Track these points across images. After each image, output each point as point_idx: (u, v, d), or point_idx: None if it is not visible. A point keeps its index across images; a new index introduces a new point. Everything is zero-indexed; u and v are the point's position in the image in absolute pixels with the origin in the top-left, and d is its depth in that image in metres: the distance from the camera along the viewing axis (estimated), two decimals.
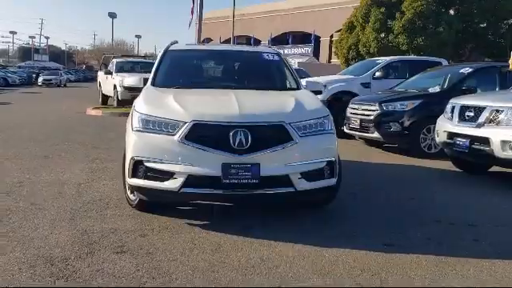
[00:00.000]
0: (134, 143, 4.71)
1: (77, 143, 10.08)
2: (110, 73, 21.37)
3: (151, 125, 4.70)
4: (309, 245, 4.31)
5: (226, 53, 6.71)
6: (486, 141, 6.77)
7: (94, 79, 66.88)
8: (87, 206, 5.35)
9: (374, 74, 12.89)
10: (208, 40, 71.82)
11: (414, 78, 11.39)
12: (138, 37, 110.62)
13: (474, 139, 6.97)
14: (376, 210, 5.58)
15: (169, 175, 4.56)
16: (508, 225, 5.17)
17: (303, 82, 6.25)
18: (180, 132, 4.53)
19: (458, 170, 8.14)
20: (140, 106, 4.93)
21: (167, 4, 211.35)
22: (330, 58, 50.19)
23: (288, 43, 55.72)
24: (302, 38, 54.41)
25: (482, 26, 24.11)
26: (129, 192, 5.32)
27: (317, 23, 52.82)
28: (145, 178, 4.67)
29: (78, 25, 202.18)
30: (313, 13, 55.91)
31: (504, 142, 6.54)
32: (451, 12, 23.62)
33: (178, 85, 5.67)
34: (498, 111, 6.77)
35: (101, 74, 23.64)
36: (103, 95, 22.53)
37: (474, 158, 7.38)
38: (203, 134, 4.53)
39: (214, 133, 4.53)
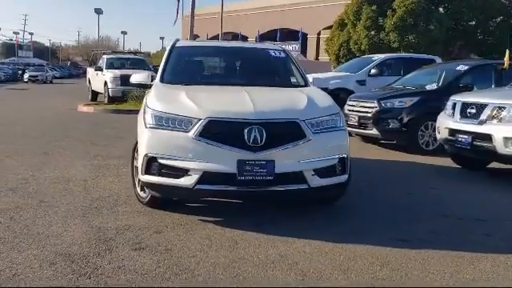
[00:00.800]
0: (148, 140, 4.69)
1: (74, 140, 10.02)
2: (101, 69, 21.22)
3: (164, 121, 4.68)
4: (324, 241, 4.33)
5: (232, 49, 6.70)
6: (488, 137, 6.85)
7: (79, 76, 66.92)
8: (97, 203, 5.32)
9: (370, 71, 12.99)
10: (195, 37, 71.58)
11: (410, 75, 11.48)
12: (124, 33, 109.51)
13: (476, 136, 7.05)
14: (383, 206, 5.63)
15: (183, 172, 4.56)
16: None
17: (309, 78, 6.27)
18: (194, 129, 4.53)
19: (457, 166, 8.23)
20: (153, 102, 4.91)
21: (152, 1, 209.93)
22: (317, 55, 50.35)
23: (276, 40, 55.68)
24: (289, 34, 54.45)
25: (471, 24, 24.36)
26: (139, 189, 5.31)
27: (304, 20, 52.97)
28: (159, 175, 4.66)
29: (61, 21, 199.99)
30: (300, 10, 56.07)
31: (506, 139, 6.63)
32: (441, 10, 23.79)
33: (187, 81, 5.65)
34: (500, 108, 6.85)
35: (90, 71, 23.45)
36: (93, 92, 22.37)
37: (476, 155, 7.47)
38: (218, 131, 4.52)
39: (229, 130, 4.53)
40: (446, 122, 7.77)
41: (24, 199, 5.39)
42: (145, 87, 5.86)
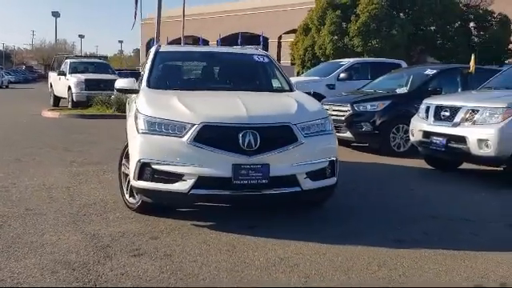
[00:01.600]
0: (141, 145, 4.67)
1: (46, 146, 9.82)
2: (64, 73, 20.83)
3: (157, 127, 4.68)
4: (319, 243, 4.41)
5: (217, 54, 6.73)
6: (462, 139, 7.09)
7: (35, 80, 65.17)
8: (85, 210, 5.26)
9: (339, 76, 13.22)
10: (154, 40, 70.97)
11: (379, 79, 11.74)
12: (82, 36, 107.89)
13: (450, 138, 7.28)
14: (371, 208, 5.75)
15: (178, 177, 4.57)
16: (498, 221, 5.45)
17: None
18: (189, 134, 4.54)
19: (430, 167, 8.47)
20: (144, 108, 4.89)
21: (108, 4, 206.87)
22: (278, 59, 50.69)
23: (237, 44, 55.72)
24: (250, 39, 54.58)
25: (430, 29, 25.07)
26: (127, 195, 5.27)
27: (265, 25, 53.33)
28: (152, 181, 4.65)
29: (15, 24, 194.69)
30: (260, 14, 56.49)
31: (480, 141, 6.87)
32: (401, 15, 24.39)
33: (175, 87, 5.65)
34: (473, 111, 7.10)
35: (53, 75, 22.93)
36: (55, 96, 21.90)
37: (450, 156, 7.72)
38: (212, 136, 4.55)
39: (223, 134, 4.57)
40: (420, 125, 7.99)
41: (8, 207, 5.27)
42: (130, 92, 5.81)
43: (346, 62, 14.17)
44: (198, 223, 4.87)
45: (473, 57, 10.93)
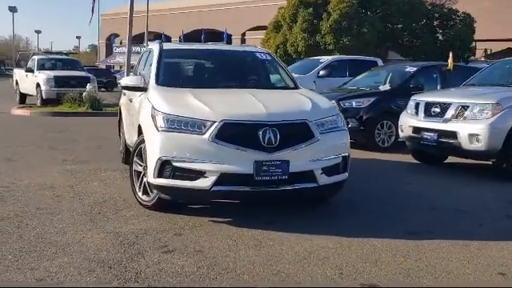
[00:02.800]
0: (161, 143, 4.68)
1: (29, 144, 9.66)
2: (31, 70, 20.36)
3: (177, 124, 4.70)
4: (339, 236, 4.51)
5: (221, 52, 6.77)
6: (453, 134, 7.35)
7: None
8: (98, 208, 5.23)
9: (319, 73, 13.39)
10: (115, 36, 69.82)
11: (360, 76, 11.98)
12: (38, 32, 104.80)
13: (441, 133, 7.54)
14: (376, 201, 5.91)
15: (199, 174, 4.61)
16: (497, 212, 5.70)
17: None
18: (210, 131, 4.59)
19: (417, 161, 8.73)
20: (162, 105, 4.90)
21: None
22: None
23: (200, 40, 55.48)
24: (214, 35, 54.48)
25: (398, 27, 25.66)
26: (140, 193, 5.27)
27: (229, 21, 53.44)
28: (172, 178, 4.68)
29: None
30: (224, 11, 56.56)
31: (471, 135, 7.15)
32: (369, 14, 24.88)
33: (185, 84, 5.68)
34: (463, 107, 7.38)
35: (18, 72, 22.38)
36: (21, 94, 21.42)
37: (441, 151, 7.98)
38: (233, 133, 4.61)
39: (244, 132, 4.64)
40: (410, 121, 8.23)
41: (18, 207, 5.20)
42: (136, 90, 5.78)
43: (325, 59, 14.39)
44: (216, 219, 4.92)
45: (451, 55, 11.32)
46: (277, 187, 4.70)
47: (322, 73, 13.45)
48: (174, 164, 4.65)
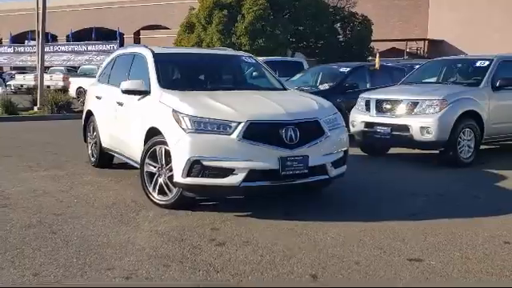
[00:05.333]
0: (191, 144, 4.91)
1: None
2: None
3: (203, 126, 4.97)
4: (357, 221, 5.01)
5: (210, 56, 7.01)
6: (405, 128, 8.20)
7: None
8: (116, 211, 5.30)
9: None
10: None
11: (298, 75, 12.67)
12: None
13: (394, 127, 8.35)
14: (368, 190, 6.51)
15: (229, 171, 4.92)
16: (464, 194, 6.53)
17: None
18: (237, 131, 4.91)
19: (363, 153, 9.51)
20: (184, 108, 5.10)
21: None
22: None
23: (91, 39, 53.54)
24: (106, 34, 52.91)
25: (305, 29, 26.88)
26: (155, 193, 5.43)
27: (121, 20, 52.34)
28: (202, 176, 4.94)
29: None
30: (117, 9, 55.28)
31: (422, 128, 8.03)
32: (279, 16, 25.86)
33: (189, 87, 5.88)
34: (413, 103, 8.26)
35: None
36: None
37: (393, 143, 8.82)
38: (258, 133, 4.97)
39: (268, 131, 5.02)
40: (362, 117, 8.97)
41: (32, 214, 5.14)
42: (138, 94, 5.88)
43: None
44: (239, 214, 5.21)
45: (377, 55, 12.37)
46: (299, 180, 5.13)
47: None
48: (204, 163, 4.90)
